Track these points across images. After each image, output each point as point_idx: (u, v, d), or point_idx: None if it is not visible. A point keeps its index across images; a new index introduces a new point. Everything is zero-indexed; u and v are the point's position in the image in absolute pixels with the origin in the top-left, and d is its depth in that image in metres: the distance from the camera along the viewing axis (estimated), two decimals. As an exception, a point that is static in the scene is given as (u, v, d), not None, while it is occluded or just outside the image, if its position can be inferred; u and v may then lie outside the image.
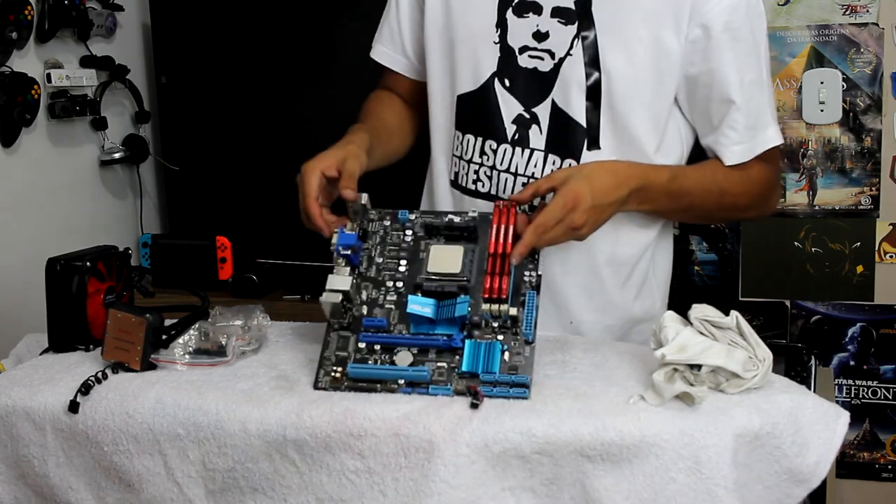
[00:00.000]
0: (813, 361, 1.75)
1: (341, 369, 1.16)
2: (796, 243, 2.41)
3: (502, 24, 1.39)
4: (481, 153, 1.44)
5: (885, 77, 2.30)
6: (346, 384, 1.15)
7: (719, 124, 1.38)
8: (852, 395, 2.43)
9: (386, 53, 1.56)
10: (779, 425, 1.05)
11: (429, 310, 1.16)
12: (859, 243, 2.38)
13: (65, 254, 1.29)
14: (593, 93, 1.36)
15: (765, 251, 2.43)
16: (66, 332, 1.29)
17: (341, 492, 1.08)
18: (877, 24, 2.29)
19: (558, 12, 1.36)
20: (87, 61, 2.48)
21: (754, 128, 1.38)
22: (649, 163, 1.37)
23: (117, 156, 2.57)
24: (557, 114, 1.39)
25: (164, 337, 1.23)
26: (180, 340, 1.24)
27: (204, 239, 1.45)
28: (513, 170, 1.42)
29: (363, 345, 1.18)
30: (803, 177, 2.39)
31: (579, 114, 1.37)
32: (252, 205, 2.60)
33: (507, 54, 1.40)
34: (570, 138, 1.38)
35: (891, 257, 2.37)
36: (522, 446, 1.04)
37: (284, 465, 1.09)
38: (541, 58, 1.38)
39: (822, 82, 2.34)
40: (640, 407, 1.06)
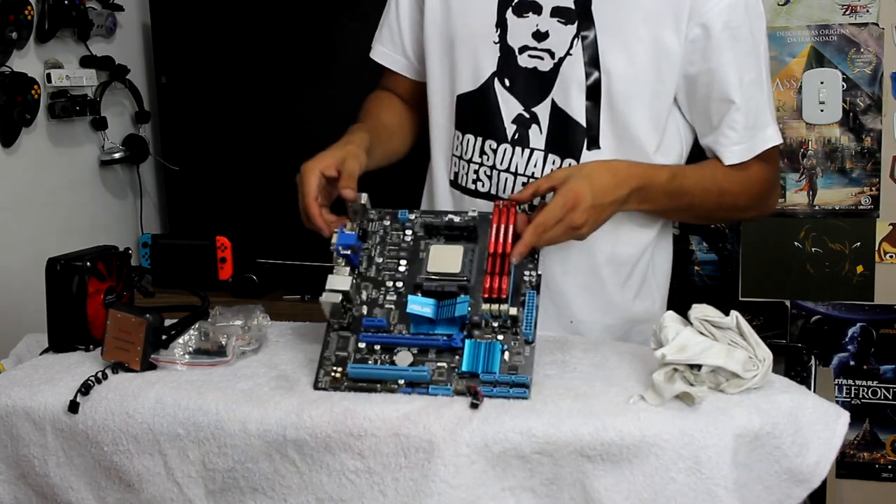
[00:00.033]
0: (813, 361, 1.74)
1: (341, 369, 1.16)
2: (796, 243, 2.41)
3: (502, 24, 1.39)
4: (481, 153, 1.44)
5: (885, 77, 2.30)
6: (346, 384, 1.15)
7: (719, 124, 1.38)
8: (852, 395, 2.43)
9: (386, 54, 1.56)
10: (779, 425, 1.05)
11: (429, 310, 1.16)
12: (859, 243, 2.38)
13: (65, 254, 1.29)
14: (593, 92, 1.36)
15: (765, 251, 2.43)
16: (66, 332, 1.29)
17: (341, 492, 1.07)
18: (877, 24, 2.29)
19: (558, 12, 1.36)
20: (87, 61, 2.48)
21: (754, 127, 1.38)
22: (649, 162, 1.37)
23: (117, 156, 2.57)
24: (557, 113, 1.39)
25: (164, 337, 1.23)
26: (180, 340, 1.24)
27: (204, 239, 1.45)
28: (513, 169, 1.42)
29: (363, 345, 1.18)
30: (803, 177, 2.39)
31: (579, 113, 1.37)
32: (252, 205, 2.60)
33: (506, 54, 1.40)
34: (570, 138, 1.38)
35: (891, 257, 2.37)
36: (522, 446, 1.04)
37: (284, 465, 1.09)
38: (540, 57, 1.38)
39: (822, 82, 2.34)
40: (640, 407, 1.06)
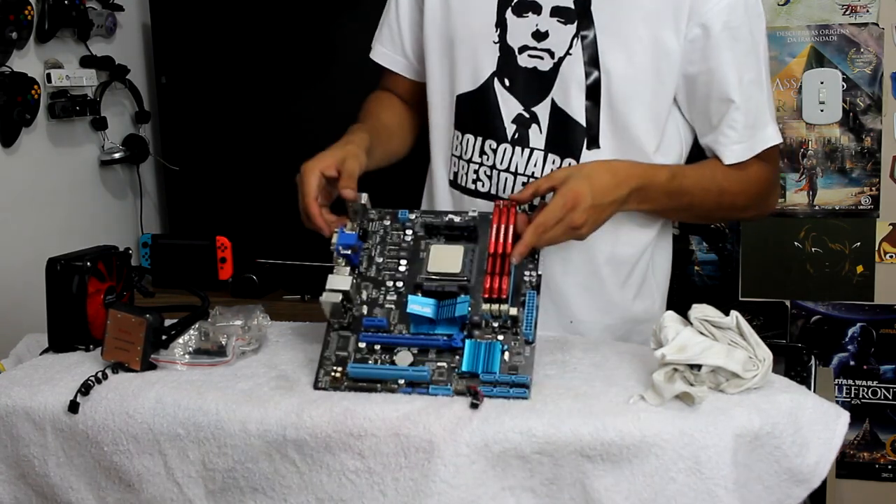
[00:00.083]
0: (813, 361, 1.74)
1: (341, 369, 1.16)
2: (796, 243, 2.41)
3: (502, 24, 1.39)
4: (481, 153, 1.44)
5: (885, 77, 2.30)
6: (346, 384, 1.15)
7: (718, 123, 1.38)
8: (852, 395, 2.43)
9: (385, 54, 1.56)
10: (779, 425, 1.05)
11: (429, 310, 1.16)
12: (859, 243, 2.38)
13: (65, 254, 1.29)
14: (593, 92, 1.36)
15: (765, 251, 2.43)
16: (66, 332, 1.29)
17: (341, 492, 1.07)
18: (877, 24, 2.29)
19: (557, 12, 1.36)
20: (87, 61, 2.48)
21: (753, 127, 1.38)
22: (649, 162, 1.37)
23: (117, 156, 2.57)
24: (557, 113, 1.39)
25: (164, 337, 1.23)
26: (180, 340, 1.24)
27: (204, 239, 1.45)
28: (512, 169, 1.42)
29: (363, 345, 1.18)
30: (803, 177, 2.39)
31: (579, 113, 1.37)
32: (252, 205, 2.60)
33: (506, 54, 1.40)
34: (570, 137, 1.38)
35: (891, 257, 2.37)
36: (522, 446, 1.04)
37: (284, 465, 1.09)
38: (540, 57, 1.38)
39: (822, 82, 2.34)
40: (640, 407, 1.06)
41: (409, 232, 1.26)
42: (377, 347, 1.17)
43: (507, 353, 1.14)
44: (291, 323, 1.40)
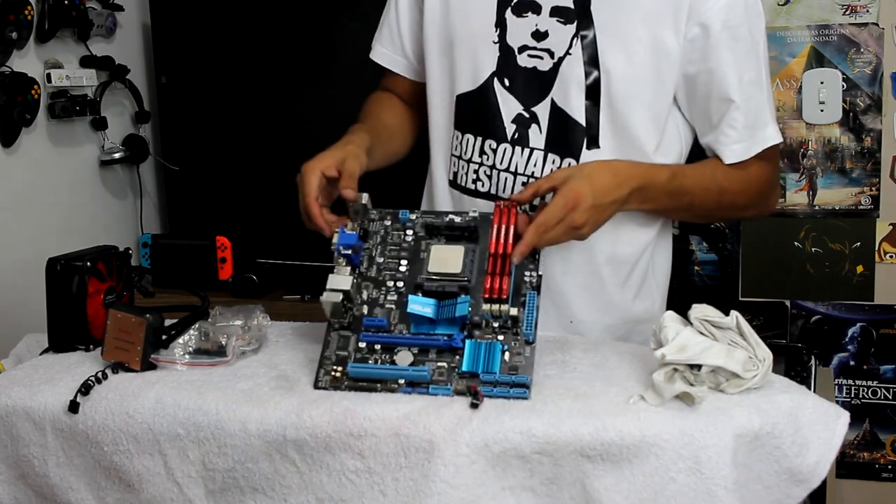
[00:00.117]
0: (813, 361, 1.75)
1: (342, 369, 1.16)
2: (796, 243, 2.41)
3: (501, 24, 1.39)
4: (481, 153, 1.44)
5: (885, 77, 2.30)
6: (346, 384, 1.15)
7: (718, 123, 1.38)
8: (852, 395, 2.43)
9: (385, 54, 1.56)
10: (779, 425, 1.05)
11: (429, 310, 1.16)
12: (859, 243, 2.37)
13: (65, 254, 1.29)
14: (593, 92, 1.36)
15: (765, 251, 2.43)
16: (66, 332, 1.29)
17: (341, 492, 1.07)
18: (877, 24, 2.29)
19: (557, 11, 1.36)
20: (87, 61, 2.48)
21: (753, 126, 1.38)
22: (649, 162, 1.37)
23: (117, 156, 2.57)
24: (557, 113, 1.39)
25: (164, 337, 1.23)
26: (180, 340, 1.24)
27: (204, 239, 1.45)
28: (512, 169, 1.42)
29: (363, 344, 1.18)
30: (803, 177, 2.39)
31: (579, 113, 1.37)
32: (252, 205, 2.60)
33: (506, 54, 1.40)
34: (570, 137, 1.38)
35: (891, 257, 2.37)
36: (522, 446, 1.04)
37: (284, 465, 1.09)
38: (540, 57, 1.38)
39: (822, 82, 2.34)
40: (640, 407, 1.06)
41: (409, 232, 1.26)
42: (377, 347, 1.17)
43: (507, 354, 1.14)
44: (291, 323, 1.40)
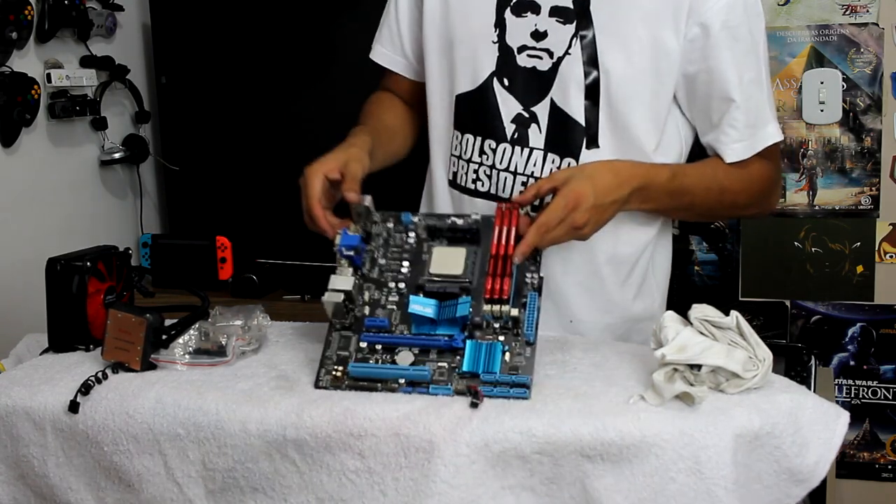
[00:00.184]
0: (813, 361, 1.75)
1: (342, 368, 1.16)
2: (796, 243, 2.41)
3: (501, 24, 1.39)
4: (480, 152, 1.44)
5: (885, 77, 2.30)
6: (346, 383, 1.15)
7: (719, 122, 1.38)
8: (852, 395, 2.43)
9: (385, 54, 1.56)
10: (779, 425, 1.05)
11: (430, 310, 1.16)
12: (859, 243, 2.37)
13: (65, 254, 1.29)
14: (592, 92, 1.36)
15: (765, 251, 2.43)
16: (66, 332, 1.29)
17: (341, 491, 1.07)
18: (877, 24, 2.29)
19: (556, 11, 1.36)
20: (87, 61, 2.48)
21: (754, 126, 1.38)
22: (649, 161, 1.37)
23: (117, 156, 2.57)
24: (556, 113, 1.39)
25: (164, 337, 1.23)
26: (180, 340, 1.24)
27: (204, 239, 1.45)
28: (512, 169, 1.42)
29: (364, 344, 1.18)
30: (803, 177, 2.39)
31: (578, 113, 1.37)
32: (252, 205, 2.60)
33: (505, 54, 1.40)
34: (569, 137, 1.38)
35: (891, 257, 2.37)
36: (522, 446, 1.04)
37: (284, 464, 1.09)
38: (539, 57, 1.38)
39: (822, 82, 2.34)
40: (640, 407, 1.06)
41: (411, 234, 1.26)
42: (378, 347, 1.17)
43: (507, 354, 1.14)
44: (291, 323, 1.40)
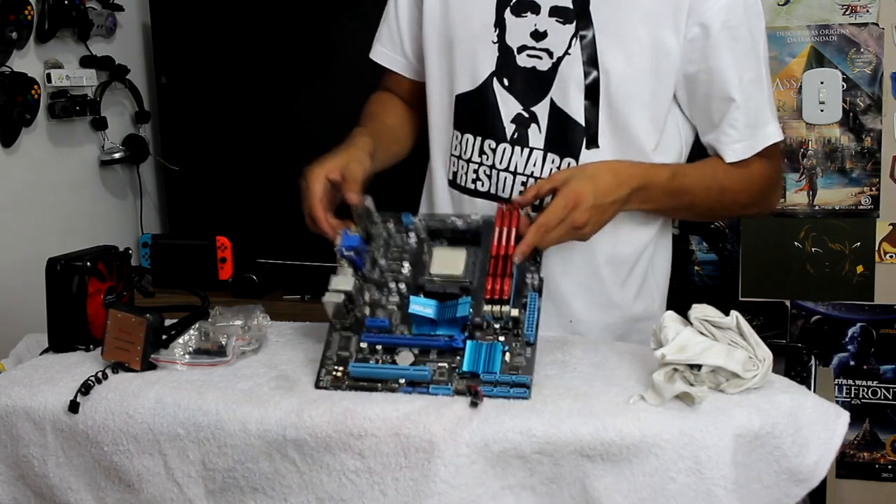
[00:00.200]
0: (813, 361, 1.75)
1: (343, 368, 1.16)
2: (796, 243, 2.41)
3: (500, 24, 1.39)
4: (480, 152, 1.44)
5: (885, 77, 2.30)
6: (347, 383, 1.15)
7: (719, 122, 1.38)
8: (852, 395, 2.43)
9: (385, 54, 1.56)
10: (779, 425, 1.05)
11: (430, 310, 1.16)
12: (859, 243, 2.37)
13: (65, 254, 1.29)
14: (592, 92, 1.36)
15: (765, 251, 2.43)
16: (66, 332, 1.29)
17: (341, 491, 1.08)
18: (877, 24, 2.29)
19: (556, 11, 1.36)
20: (87, 61, 2.48)
21: (754, 125, 1.38)
22: (648, 161, 1.37)
23: (117, 156, 2.57)
24: (556, 113, 1.39)
25: (164, 337, 1.23)
26: (180, 340, 1.24)
27: (204, 239, 1.45)
28: (512, 169, 1.42)
29: (365, 345, 1.18)
30: (803, 177, 2.39)
31: (578, 113, 1.37)
32: (252, 205, 2.60)
33: (505, 54, 1.40)
34: (569, 137, 1.38)
35: (891, 257, 2.37)
36: (522, 446, 1.04)
37: (284, 464, 1.09)
38: (539, 57, 1.38)
39: (822, 82, 2.34)
40: (640, 407, 1.06)
41: (412, 235, 1.26)
42: (378, 348, 1.17)
43: (507, 354, 1.14)
44: (291, 323, 1.40)
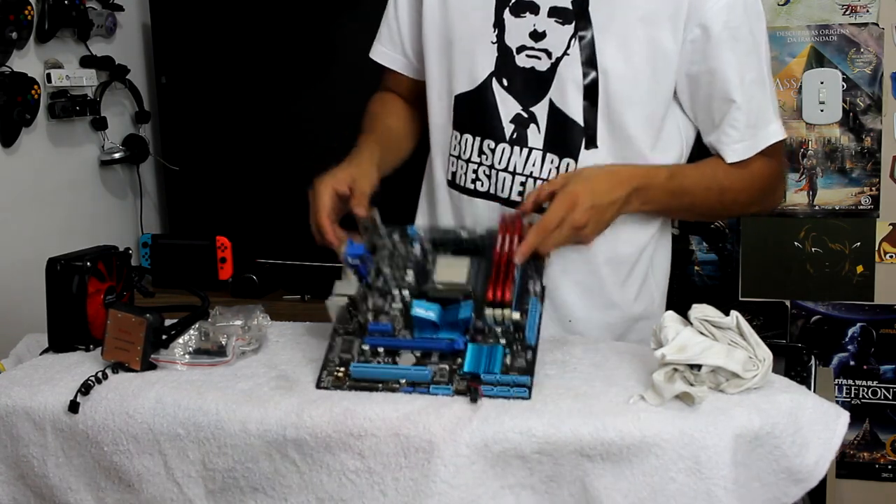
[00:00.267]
0: (813, 361, 1.74)
1: (344, 369, 1.16)
2: (796, 243, 2.41)
3: (499, 24, 1.39)
4: (479, 153, 1.44)
5: (885, 77, 2.30)
6: (348, 383, 1.15)
7: (720, 122, 1.38)
8: (852, 395, 2.43)
9: (385, 53, 1.56)
10: (779, 425, 1.05)
11: (432, 314, 1.16)
12: (859, 243, 2.37)
13: (65, 254, 1.29)
14: (590, 92, 1.36)
15: (765, 251, 2.43)
16: (66, 332, 1.29)
17: (342, 491, 1.08)
18: (877, 24, 2.29)
19: (555, 12, 1.36)
20: (87, 61, 2.48)
21: (755, 126, 1.38)
22: (645, 161, 1.38)
23: (117, 156, 2.57)
24: (555, 113, 1.39)
25: (164, 337, 1.23)
26: (180, 340, 1.24)
27: (204, 239, 1.45)
28: (511, 169, 1.42)
29: (367, 347, 1.18)
30: (803, 177, 2.39)
31: (577, 113, 1.37)
32: (252, 205, 2.60)
33: (504, 54, 1.40)
34: (568, 137, 1.38)
35: (891, 257, 2.37)
36: (522, 446, 1.04)
37: (285, 464, 1.09)
38: (538, 57, 1.38)
39: (822, 82, 2.34)
40: (640, 407, 1.06)
41: (416, 246, 1.27)
42: (381, 350, 1.18)
43: (508, 357, 1.14)
44: (291, 323, 1.40)
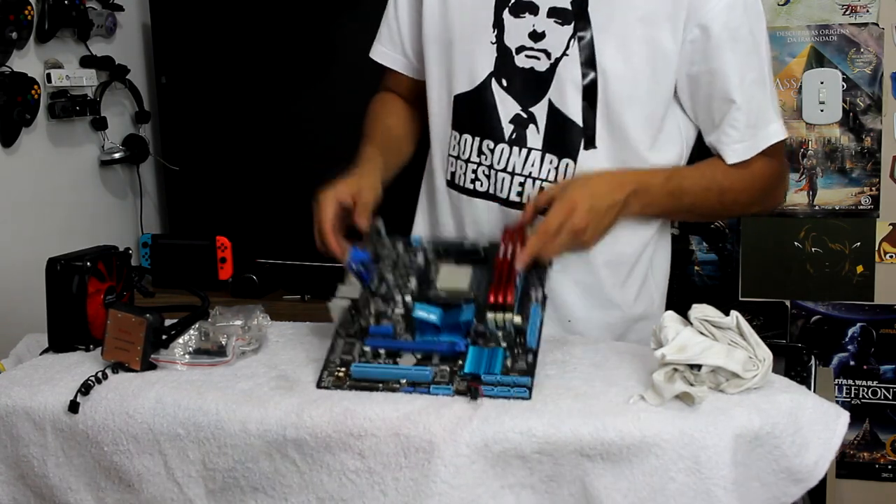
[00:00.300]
0: (813, 361, 1.75)
1: (345, 370, 1.16)
2: (796, 243, 2.41)
3: (499, 24, 1.39)
4: (479, 153, 1.44)
5: (885, 77, 2.30)
6: (348, 383, 1.15)
7: (721, 123, 1.38)
8: (852, 395, 2.43)
9: (385, 53, 1.56)
10: (779, 425, 1.05)
11: (434, 316, 1.16)
12: (859, 243, 2.37)
13: (65, 254, 1.30)
14: (589, 92, 1.36)
15: (765, 251, 2.43)
16: (66, 332, 1.29)
17: (342, 491, 1.08)
18: (877, 24, 2.29)
19: (555, 12, 1.36)
20: (87, 61, 2.48)
21: (755, 126, 1.38)
22: (645, 161, 1.38)
23: (117, 156, 2.57)
24: (554, 113, 1.39)
25: (164, 337, 1.23)
26: (180, 340, 1.24)
27: (204, 239, 1.45)
28: (510, 169, 1.42)
29: (368, 349, 1.18)
30: (803, 177, 2.39)
31: (576, 113, 1.37)
32: (252, 205, 2.60)
33: (503, 54, 1.40)
34: (567, 138, 1.38)
35: (891, 257, 2.37)
36: (522, 446, 1.04)
37: (285, 464, 1.09)
38: (537, 58, 1.38)
39: (822, 82, 2.34)
40: (640, 407, 1.06)
41: (419, 255, 1.27)
42: (382, 352, 1.18)
43: (509, 360, 1.14)
44: (291, 323, 1.40)
